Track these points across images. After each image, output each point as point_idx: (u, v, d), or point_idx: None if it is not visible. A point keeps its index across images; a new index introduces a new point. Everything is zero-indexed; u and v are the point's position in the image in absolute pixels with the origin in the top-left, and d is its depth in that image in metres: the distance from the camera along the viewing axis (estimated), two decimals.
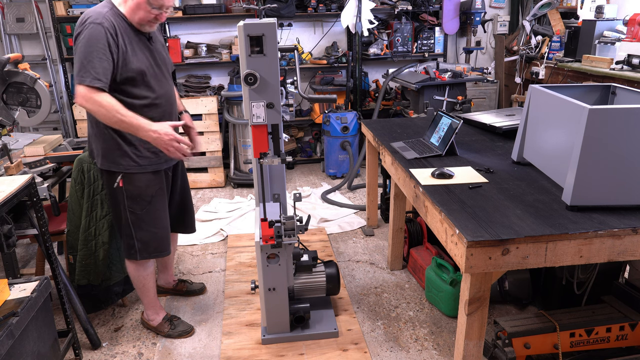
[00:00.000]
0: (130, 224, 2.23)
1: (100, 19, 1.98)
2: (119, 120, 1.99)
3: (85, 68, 1.94)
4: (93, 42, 1.95)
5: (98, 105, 1.97)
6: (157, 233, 2.30)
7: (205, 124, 4.48)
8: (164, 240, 2.34)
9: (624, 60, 3.61)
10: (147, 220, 2.25)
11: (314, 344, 2.37)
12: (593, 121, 1.66)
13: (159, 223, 2.30)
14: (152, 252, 2.32)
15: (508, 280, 2.56)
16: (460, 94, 4.30)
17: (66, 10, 4.46)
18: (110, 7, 2.06)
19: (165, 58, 2.27)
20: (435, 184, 2.07)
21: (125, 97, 2.07)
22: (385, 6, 4.87)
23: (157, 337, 2.50)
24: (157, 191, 2.26)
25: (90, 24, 1.97)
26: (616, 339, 2.13)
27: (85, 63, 1.95)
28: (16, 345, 1.65)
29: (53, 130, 4.94)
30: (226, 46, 4.88)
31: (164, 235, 2.34)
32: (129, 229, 2.24)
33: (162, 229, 2.32)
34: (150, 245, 2.29)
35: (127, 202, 2.21)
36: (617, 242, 1.65)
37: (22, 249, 3.49)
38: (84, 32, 1.97)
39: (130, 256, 2.30)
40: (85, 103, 1.97)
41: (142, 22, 2.08)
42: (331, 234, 3.59)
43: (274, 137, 2.12)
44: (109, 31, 1.98)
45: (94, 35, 1.96)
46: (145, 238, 2.27)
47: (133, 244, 2.27)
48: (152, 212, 2.26)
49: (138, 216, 2.23)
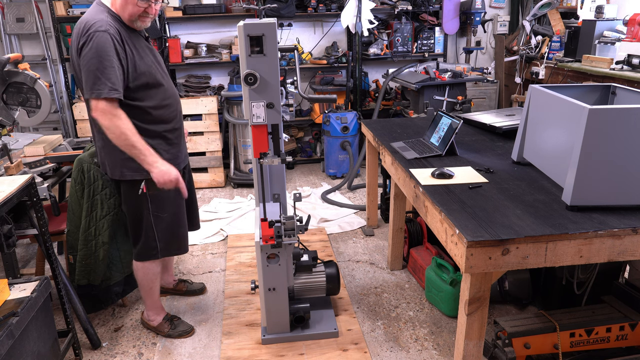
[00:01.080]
0: (154, 227, 2.24)
1: (104, 26, 1.92)
2: (132, 142, 1.97)
3: (100, 80, 1.89)
4: (102, 51, 1.90)
5: (117, 120, 1.94)
6: (179, 232, 2.34)
7: (205, 124, 4.48)
8: (184, 238, 2.39)
9: (624, 60, 3.61)
10: (169, 221, 2.27)
11: (314, 344, 2.37)
12: (593, 121, 1.66)
13: (180, 222, 2.34)
14: (173, 250, 2.37)
15: (508, 280, 2.56)
16: (460, 94, 4.30)
17: (66, 10, 4.45)
18: (107, 12, 2.01)
19: (162, 59, 2.28)
20: (435, 184, 2.07)
21: (137, 101, 2.06)
22: (385, 6, 4.87)
23: (157, 337, 2.50)
24: (177, 191, 2.26)
25: (96, 33, 1.90)
26: (616, 339, 2.13)
27: (99, 74, 1.89)
28: (16, 345, 1.65)
29: (53, 130, 4.94)
30: (226, 46, 4.88)
31: (184, 233, 2.39)
32: (152, 232, 2.24)
33: (182, 227, 2.37)
34: (172, 245, 2.33)
35: (151, 207, 2.20)
36: (617, 242, 1.65)
37: (22, 249, 3.49)
38: (91, 42, 1.90)
39: (151, 257, 2.31)
40: (103, 118, 1.93)
41: (132, 17, 2.02)
42: (331, 234, 3.59)
43: (274, 137, 2.12)
44: (115, 38, 1.93)
45: (102, 44, 1.90)
46: (167, 238, 2.29)
47: (155, 245, 2.27)
48: (174, 212, 2.28)
49: (162, 218, 2.24)
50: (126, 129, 1.96)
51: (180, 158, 2.28)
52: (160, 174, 2.06)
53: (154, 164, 2.04)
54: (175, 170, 2.10)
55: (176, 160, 2.24)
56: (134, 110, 2.06)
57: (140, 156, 2.02)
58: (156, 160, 2.05)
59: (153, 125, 2.13)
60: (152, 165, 2.04)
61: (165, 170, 2.06)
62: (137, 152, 2.01)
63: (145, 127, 2.11)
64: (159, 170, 2.05)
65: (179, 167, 2.26)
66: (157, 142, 2.15)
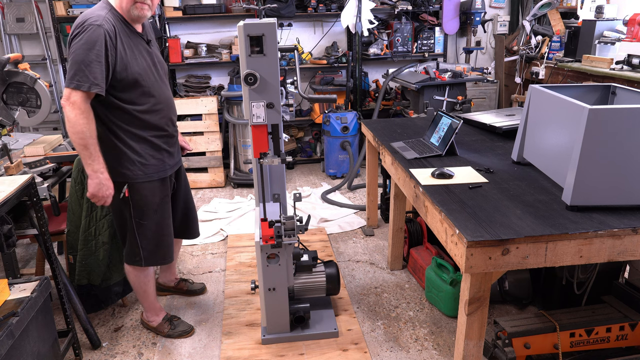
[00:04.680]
0: (136, 233, 2.21)
1: (100, 21, 1.92)
2: (87, 144, 1.93)
3: (83, 72, 1.88)
4: (91, 45, 1.89)
5: (84, 118, 1.90)
6: (163, 241, 2.29)
7: (205, 124, 4.48)
8: (168, 247, 2.33)
9: (624, 60, 3.61)
10: (152, 229, 2.23)
11: (314, 344, 2.37)
12: (593, 121, 1.66)
13: (164, 231, 2.29)
14: (158, 260, 2.32)
15: (508, 280, 2.56)
16: (460, 94, 4.30)
17: (66, 10, 4.45)
18: (109, 9, 2.01)
19: (162, 62, 2.24)
20: (435, 184, 2.07)
21: (125, 103, 2.03)
22: (385, 6, 4.87)
23: (157, 337, 2.50)
24: (162, 199, 2.24)
25: (90, 26, 1.90)
26: (616, 339, 2.13)
27: (84, 67, 1.88)
28: (16, 345, 1.65)
29: (53, 130, 4.94)
30: (226, 46, 4.88)
31: (169, 242, 2.33)
32: (134, 237, 2.22)
33: (167, 236, 2.31)
34: (156, 254, 2.29)
35: (133, 212, 2.16)
36: (617, 242, 1.65)
37: (22, 249, 3.49)
38: (83, 34, 1.90)
39: (135, 263, 2.28)
40: (72, 109, 1.89)
41: (134, 10, 2.00)
42: (331, 234, 3.59)
43: (274, 137, 2.12)
44: (108, 34, 1.92)
45: (93, 38, 1.89)
46: (150, 247, 2.25)
47: (138, 252, 2.24)
48: (157, 221, 2.24)
49: (144, 225, 2.20)
50: (86, 128, 1.91)
51: (167, 165, 2.23)
52: (96, 185, 2.00)
53: (97, 172, 1.98)
54: (111, 190, 2.05)
55: (162, 167, 2.20)
56: (120, 111, 2.03)
57: (89, 160, 1.96)
58: (102, 170, 1.99)
59: (140, 130, 2.09)
60: (96, 172, 1.98)
61: (103, 184, 2.01)
62: (87, 154, 1.95)
63: (132, 130, 2.08)
64: (98, 181, 1.99)
65: (165, 173, 2.23)
66: (142, 147, 2.11)
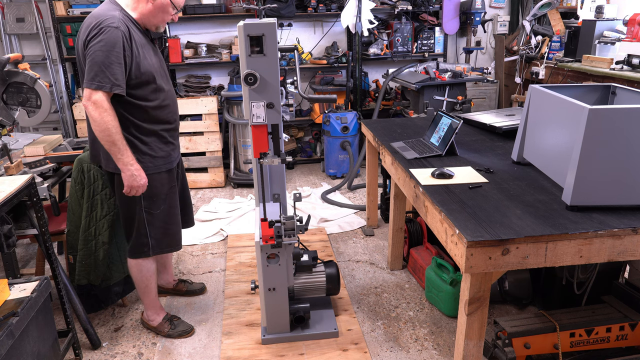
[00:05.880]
0: (146, 223, 2.25)
1: (117, 23, 1.97)
2: (114, 140, 1.99)
3: (104, 73, 1.93)
4: (111, 46, 1.93)
5: (108, 116, 1.96)
6: (171, 229, 2.34)
7: (205, 124, 4.48)
8: (176, 235, 2.39)
9: (624, 60, 3.61)
10: (162, 218, 2.28)
11: (314, 344, 2.37)
12: (593, 121, 1.66)
13: (172, 219, 2.34)
14: (165, 248, 2.36)
15: (508, 280, 2.56)
16: (460, 94, 4.30)
17: (66, 10, 4.45)
18: (120, 10, 2.05)
19: (163, 60, 2.31)
20: (435, 184, 2.07)
21: (138, 100, 2.09)
22: (385, 6, 4.87)
23: (157, 337, 2.50)
24: (170, 189, 2.30)
25: (108, 27, 1.94)
26: (616, 339, 2.13)
27: (104, 68, 1.93)
28: (16, 345, 1.64)
29: (53, 130, 4.94)
30: (226, 46, 4.88)
31: (177, 230, 2.39)
32: (144, 228, 2.25)
33: (175, 224, 2.37)
34: (163, 242, 2.33)
35: (144, 203, 2.21)
36: (617, 242, 1.65)
37: (22, 249, 3.49)
38: (101, 36, 1.93)
39: (142, 254, 2.31)
40: (95, 109, 1.95)
41: (160, 23, 2.13)
42: (331, 234, 3.59)
43: (274, 137, 2.12)
44: (124, 35, 1.98)
45: (112, 40, 1.94)
46: (159, 235, 2.30)
47: (146, 242, 2.28)
48: (166, 210, 2.29)
49: (154, 215, 2.25)
50: (112, 125, 1.98)
51: (173, 157, 2.30)
52: (130, 177, 2.07)
53: (128, 165, 2.05)
54: (145, 179, 2.12)
55: (169, 159, 2.27)
56: (133, 107, 2.09)
57: (118, 154, 2.03)
58: (132, 162, 2.06)
59: (150, 124, 2.16)
60: (127, 165, 2.05)
61: (136, 175, 2.08)
62: (116, 150, 2.02)
63: (143, 125, 2.14)
64: (131, 173, 2.07)
65: (172, 164, 2.30)
66: (152, 140, 2.18)
